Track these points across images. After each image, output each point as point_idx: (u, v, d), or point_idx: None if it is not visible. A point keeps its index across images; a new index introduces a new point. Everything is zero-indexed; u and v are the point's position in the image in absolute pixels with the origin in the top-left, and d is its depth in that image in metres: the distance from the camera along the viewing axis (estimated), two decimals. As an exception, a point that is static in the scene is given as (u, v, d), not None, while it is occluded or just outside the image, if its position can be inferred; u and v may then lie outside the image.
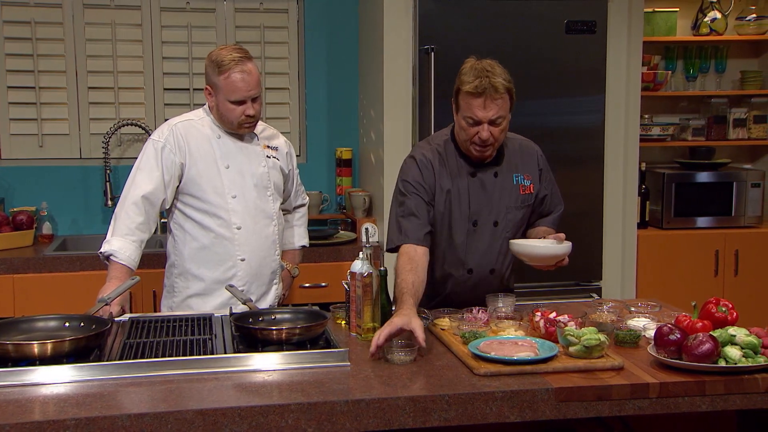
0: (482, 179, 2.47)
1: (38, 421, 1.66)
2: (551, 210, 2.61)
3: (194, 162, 2.61)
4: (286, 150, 2.84)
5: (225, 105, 2.58)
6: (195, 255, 2.65)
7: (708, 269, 4.09)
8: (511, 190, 2.49)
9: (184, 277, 2.68)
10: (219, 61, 2.55)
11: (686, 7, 4.31)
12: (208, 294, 2.66)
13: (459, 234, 2.48)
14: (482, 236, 2.48)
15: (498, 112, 2.32)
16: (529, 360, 1.95)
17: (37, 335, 2.06)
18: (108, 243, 2.54)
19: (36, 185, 3.88)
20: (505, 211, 2.49)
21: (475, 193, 2.46)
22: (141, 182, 2.57)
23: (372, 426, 1.78)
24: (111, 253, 2.52)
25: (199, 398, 1.79)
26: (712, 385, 1.89)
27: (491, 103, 2.31)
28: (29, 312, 2.93)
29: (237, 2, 4.06)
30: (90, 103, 3.95)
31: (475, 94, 2.31)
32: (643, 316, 2.34)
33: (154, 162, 2.58)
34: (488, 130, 2.34)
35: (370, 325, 2.23)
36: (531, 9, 3.66)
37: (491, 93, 2.29)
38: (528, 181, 2.52)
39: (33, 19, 3.86)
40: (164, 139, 2.60)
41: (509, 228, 2.51)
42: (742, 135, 4.36)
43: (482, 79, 2.30)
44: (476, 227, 2.47)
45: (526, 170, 2.53)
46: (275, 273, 2.78)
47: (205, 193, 2.61)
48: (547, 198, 2.60)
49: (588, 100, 3.75)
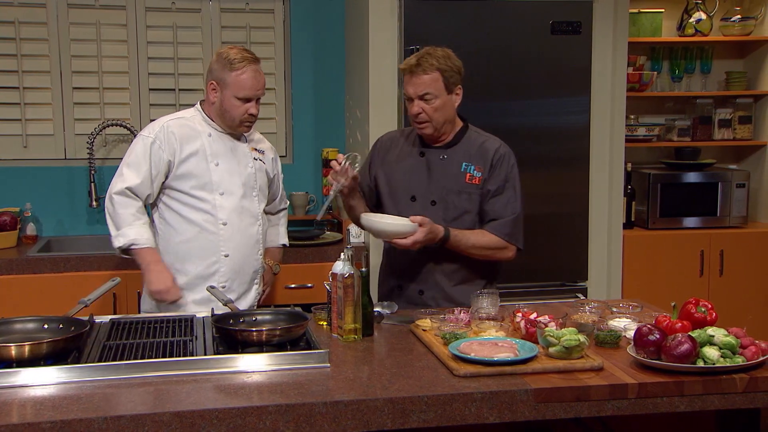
0: (429, 159, 2.64)
1: (14, 424, 1.66)
2: (502, 215, 2.62)
3: (185, 158, 2.64)
4: (272, 155, 2.89)
5: (231, 101, 2.62)
6: (178, 249, 2.67)
7: (693, 269, 4.10)
8: (456, 175, 2.61)
9: None
10: (232, 58, 2.61)
11: (671, 8, 4.32)
12: (191, 289, 2.67)
13: (401, 207, 2.65)
14: (419, 212, 2.57)
15: (425, 88, 2.51)
16: (509, 361, 1.96)
17: (15, 337, 2.05)
18: (121, 236, 2.58)
19: (20, 186, 3.86)
20: (443, 193, 2.61)
21: (419, 171, 2.64)
22: (128, 176, 2.61)
23: (351, 427, 1.78)
24: (131, 243, 2.56)
25: (177, 400, 1.78)
26: (691, 386, 1.89)
27: (418, 79, 2.51)
28: (12, 314, 2.90)
29: (223, 2, 4.05)
30: (75, 104, 3.93)
31: (405, 71, 2.55)
32: (624, 317, 2.35)
33: (143, 157, 2.61)
34: (419, 105, 2.53)
35: (352, 326, 2.23)
36: (516, 9, 3.66)
37: (417, 70, 2.51)
38: (478, 173, 2.61)
39: (17, 19, 3.84)
40: (154, 135, 2.63)
41: (450, 211, 2.61)
42: (728, 135, 4.38)
43: (413, 58, 2.53)
44: (414, 203, 2.63)
45: (478, 162, 2.62)
46: (257, 273, 2.80)
47: (193, 189, 2.65)
48: (497, 200, 2.62)
49: (573, 101, 3.75)
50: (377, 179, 2.73)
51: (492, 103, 3.67)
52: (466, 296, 2.57)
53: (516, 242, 2.65)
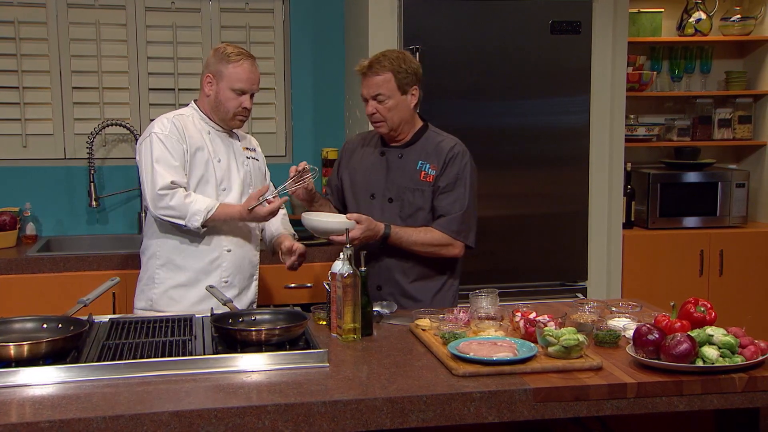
0: (388, 158, 2.72)
1: (13, 423, 1.65)
2: (450, 211, 2.64)
3: (193, 153, 2.65)
4: (260, 150, 2.93)
5: (226, 93, 2.64)
6: (180, 245, 2.67)
7: (693, 269, 4.10)
8: (411, 173, 2.67)
9: (167, 267, 2.68)
10: (229, 52, 2.66)
11: (671, 7, 4.32)
12: (191, 285, 2.67)
13: (362, 205, 2.71)
14: (378, 210, 2.67)
15: (377, 89, 2.59)
16: (508, 360, 1.95)
17: (14, 337, 2.05)
18: (194, 215, 2.54)
19: (20, 186, 3.86)
20: (399, 191, 2.67)
21: (379, 169, 2.71)
22: (165, 172, 2.56)
23: (350, 427, 1.78)
24: (207, 211, 2.54)
25: (175, 400, 1.78)
26: (690, 385, 1.89)
27: (370, 80, 2.60)
28: (11, 313, 2.90)
29: (222, 2, 4.04)
30: (74, 103, 3.93)
31: (359, 73, 2.63)
32: (623, 316, 2.34)
33: (167, 152, 2.59)
34: (373, 106, 2.61)
35: (351, 326, 2.23)
36: (516, 9, 3.66)
37: (369, 72, 2.60)
38: (432, 171, 2.65)
39: (17, 18, 3.84)
40: (168, 130, 2.63)
41: (405, 208, 2.66)
42: (727, 135, 4.38)
43: (366, 61, 2.62)
44: (373, 200, 2.71)
45: (433, 161, 2.66)
46: (255, 267, 2.82)
47: (199, 184, 2.65)
48: (446, 196, 2.64)
49: (573, 101, 3.75)
50: (342, 180, 2.81)
51: (492, 103, 3.67)
52: (423, 292, 2.66)
53: (464, 239, 2.66)
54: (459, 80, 3.62)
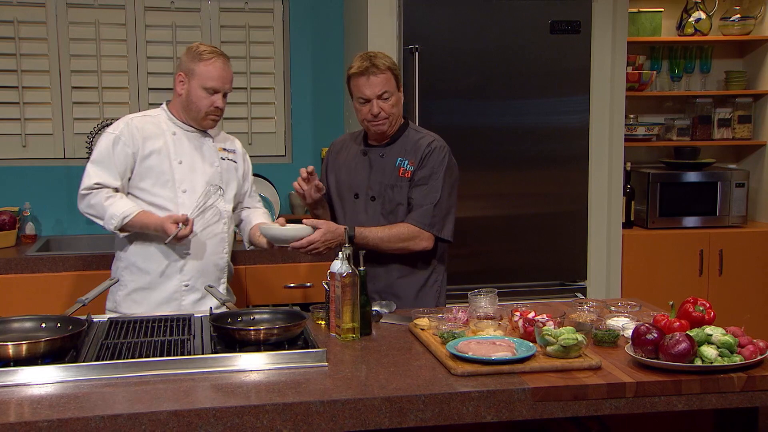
0: (371, 158, 2.73)
1: (11, 423, 1.65)
2: (421, 203, 2.65)
3: (146, 155, 2.64)
4: (242, 153, 2.87)
5: (197, 92, 2.63)
6: (142, 248, 2.67)
7: (693, 269, 4.10)
8: (391, 170, 2.69)
9: (129, 270, 2.69)
10: (201, 51, 2.64)
11: (671, 7, 4.32)
12: (153, 288, 2.67)
13: (347, 205, 2.76)
14: (362, 209, 2.71)
15: (383, 87, 2.60)
16: (507, 360, 1.95)
17: (12, 336, 2.05)
18: (111, 218, 2.57)
19: (19, 185, 3.86)
20: (381, 188, 2.69)
21: (362, 169, 2.73)
22: (94, 173, 2.61)
23: (348, 426, 1.78)
24: (123, 217, 2.55)
25: (174, 399, 1.78)
26: (688, 385, 1.89)
27: (375, 79, 2.59)
28: (11, 313, 2.91)
29: (222, 2, 4.05)
30: (74, 103, 3.93)
31: (359, 74, 2.61)
32: (622, 316, 2.34)
33: (107, 153, 2.62)
34: (378, 105, 2.61)
35: (350, 326, 2.23)
36: (515, 9, 3.66)
37: (373, 70, 2.59)
38: (410, 167, 2.67)
39: (16, 18, 3.84)
40: (119, 132, 2.64)
41: (386, 205, 2.68)
42: (727, 135, 4.38)
43: (364, 60, 2.62)
44: (357, 199, 2.73)
45: (412, 157, 2.68)
46: (223, 271, 2.78)
47: (155, 186, 2.65)
48: (419, 189, 2.65)
49: (573, 100, 3.75)
50: (329, 181, 2.83)
51: (491, 103, 3.67)
52: (405, 289, 2.67)
53: (437, 232, 2.65)
54: (458, 80, 3.63)
